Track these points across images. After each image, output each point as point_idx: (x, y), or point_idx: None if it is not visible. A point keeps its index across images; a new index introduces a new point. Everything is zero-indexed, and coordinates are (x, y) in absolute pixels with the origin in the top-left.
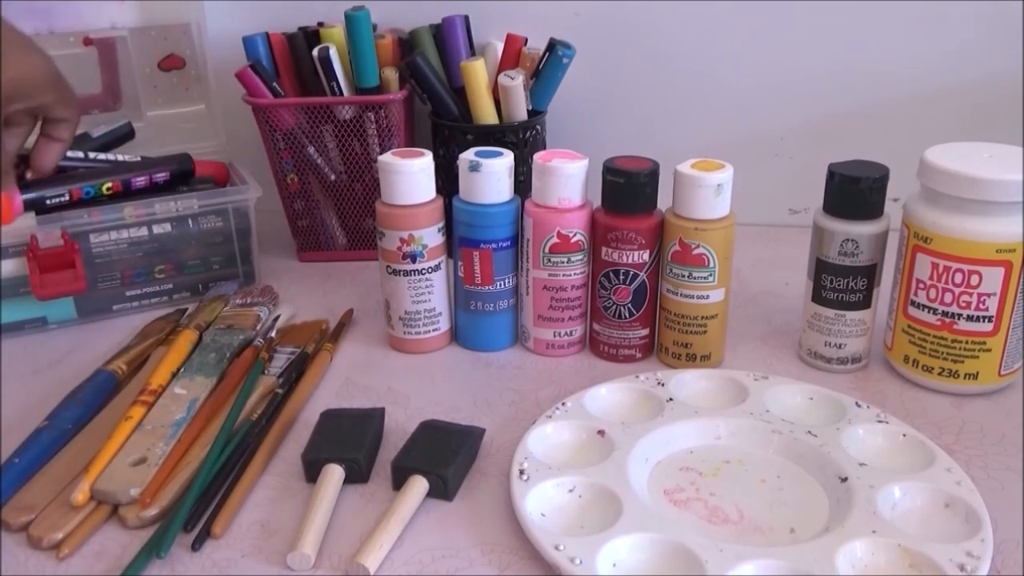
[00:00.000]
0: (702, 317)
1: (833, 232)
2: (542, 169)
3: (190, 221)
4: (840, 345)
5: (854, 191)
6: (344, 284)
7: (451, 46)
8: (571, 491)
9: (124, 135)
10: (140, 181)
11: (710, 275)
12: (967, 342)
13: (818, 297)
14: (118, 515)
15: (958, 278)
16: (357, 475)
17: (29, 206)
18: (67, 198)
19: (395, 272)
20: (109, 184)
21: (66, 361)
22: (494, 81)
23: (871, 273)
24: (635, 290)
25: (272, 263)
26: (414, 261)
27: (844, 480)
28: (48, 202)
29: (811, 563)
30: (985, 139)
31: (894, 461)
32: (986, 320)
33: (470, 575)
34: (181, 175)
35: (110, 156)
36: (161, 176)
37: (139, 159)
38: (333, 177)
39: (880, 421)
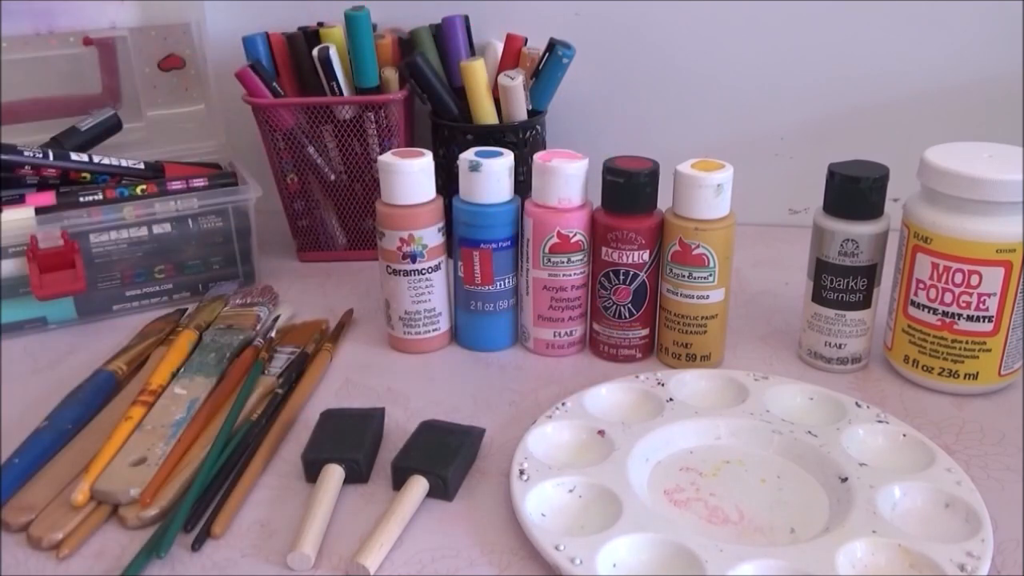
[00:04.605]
0: (702, 317)
1: (833, 232)
2: (542, 169)
3: (190, 221)
4: (840, 345)
5: (854, 191)
6: (344, 284)
7: (451, 46)
8: (571, 491)
9: (111, 127)
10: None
11: (710, 275)
12: (967, 342)
13: (818, 297)
14: (118, 515)
15: (958, 278)
16: (357, 475)
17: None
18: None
19: (395, 272)
20: (144, 187)
21: (66, 361)
22: (494, 81)
23: (871, 273)
24: (635, 290)
25: (272, 263)
26: (414, 261)
27: (844, 480)
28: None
29: (811, 563)
30: (985, 139)
31: (894, 461)
32: (986, 320)
33: (470, 575)
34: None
35: (113, 161)
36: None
37: (141, 164)
38: (333, 177)
39: (880, 421)
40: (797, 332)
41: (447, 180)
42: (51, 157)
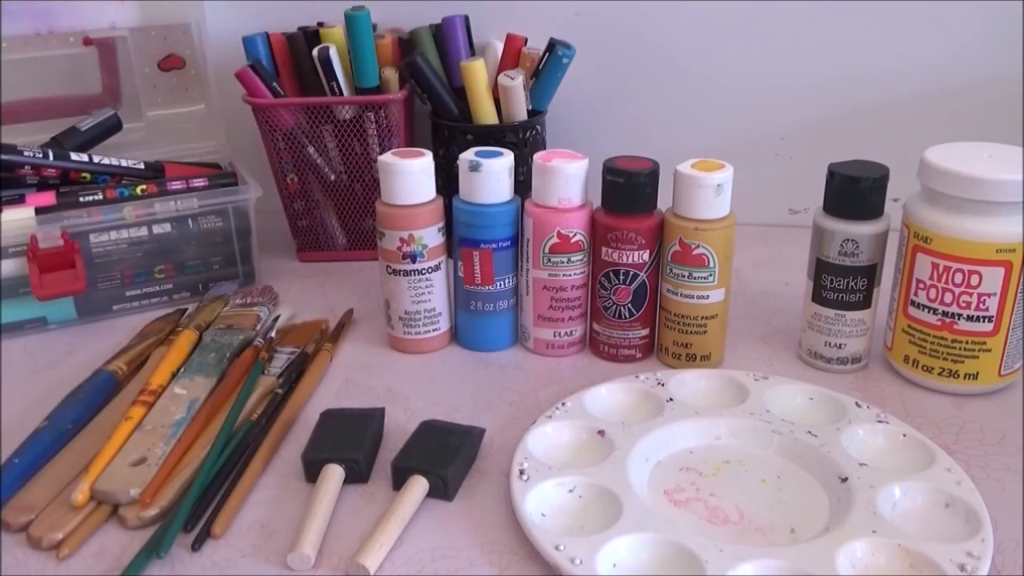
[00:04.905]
0: (702, 317)
1: (833, 232)
2: (542, 169)
3: (190, 221)
4: (840, 345)
5: (854, 191)
6: (344, 284)
7: (451, 46)
8: (571, 491)
9: (111, 127)
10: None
11: (710, 275)
12: (967, 342)
13: (818, 297)
14: (118, 515)
15: (958, 278)
16: (357, 475)
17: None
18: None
19: (395, 272)
20: (143, 187)
21: (66, 361)
22: (494, 81)
23: (871, 273)
24: (635, 290)
25: (272, 263)
26: (414, 261)
27: (844, 480)
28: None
29: (811, 563)
30: (985, 139)
31: (894, 461)
32: (986, 320)
33: (470, 575)
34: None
35: (113, 161)
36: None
37: (141, 165)
38: (333, 177)
39: (880, 421)
40: (797, 332)
41: (447, 180)
42: (51, 157)
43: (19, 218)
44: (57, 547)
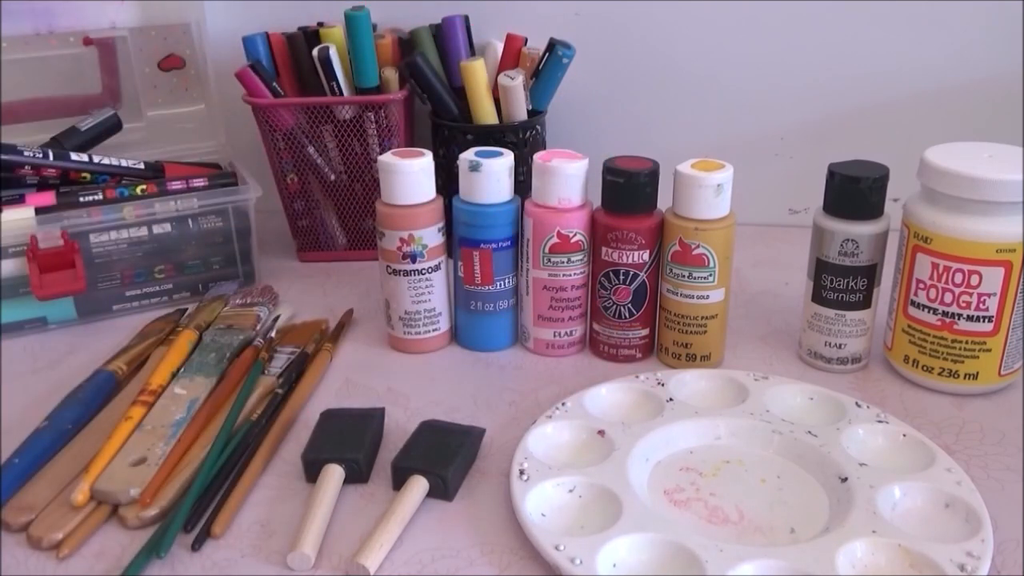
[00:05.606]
0: (702, 317)
1: (833, 232)
2: (542, 169)
3: (190, 221)
4: (840, 345)
5: (854, 191)
6: (344, 284)
7: (451, 46)
8: (571, 491)
9: (111, 127)
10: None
11: (710, 275)
12: (967, 342)
13: (818, 297)
14: (118, 515)
15: (958, 278)
16: (357, 475)
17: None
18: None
19: (395, 272)
20: (143, 187)
21: (66, 361)
22: (494, 81)
23: (871, 273)
24: (635, 290)
25: (272, 263)
26: (414, 261)
27: (844, 480)
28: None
29: (811, 563)
30: (985, 139)
31: (894, 461)
32: (986, 320)
33: (470, 575)
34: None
35: (113, 161)
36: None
37: (141, 165)
38: (333, 177)
39: (880, 421)
40: (797, 332)
41: (447, 180)
42: (51, 157)
43: (19, 218)
44: (57, 547)
